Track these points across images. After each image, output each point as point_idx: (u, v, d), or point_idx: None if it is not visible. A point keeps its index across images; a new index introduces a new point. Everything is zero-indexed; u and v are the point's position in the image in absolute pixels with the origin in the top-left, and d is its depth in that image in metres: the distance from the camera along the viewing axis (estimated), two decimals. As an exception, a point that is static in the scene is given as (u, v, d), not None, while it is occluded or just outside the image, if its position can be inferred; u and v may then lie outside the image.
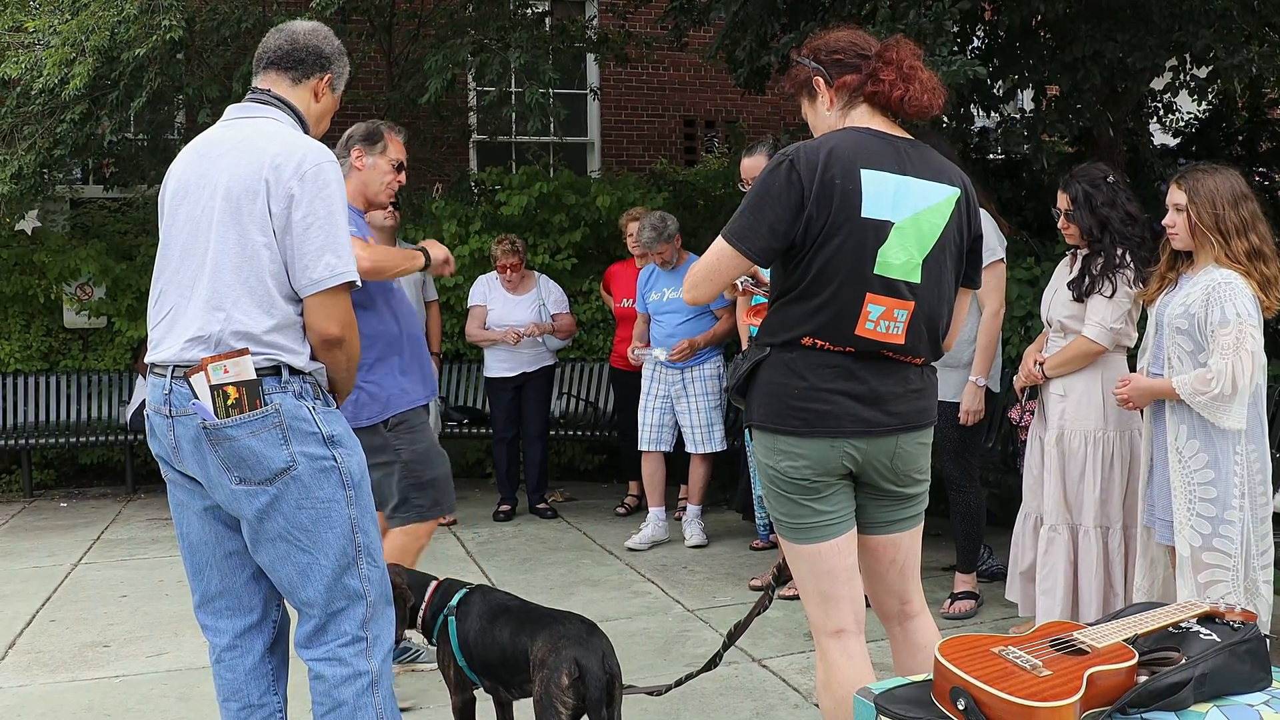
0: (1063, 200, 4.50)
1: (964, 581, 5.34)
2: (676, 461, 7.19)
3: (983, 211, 5.05)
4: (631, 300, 7.35)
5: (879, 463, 2.91)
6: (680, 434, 6.84)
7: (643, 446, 6.88)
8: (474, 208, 9.12)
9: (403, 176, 4.35)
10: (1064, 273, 4.60)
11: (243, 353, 2.74)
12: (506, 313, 7.48)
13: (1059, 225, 4.55)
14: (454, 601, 3.60)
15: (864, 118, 2.91)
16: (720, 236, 2.86)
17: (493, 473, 8.56)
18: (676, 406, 6.78)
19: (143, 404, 4.28)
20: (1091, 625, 2.58)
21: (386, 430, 4.14)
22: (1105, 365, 4.46)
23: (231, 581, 2.98)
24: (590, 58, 10.99)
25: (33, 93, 7.41)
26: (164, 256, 2.91)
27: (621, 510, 7.79)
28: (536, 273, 7.83)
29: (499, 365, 7.56)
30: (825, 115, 2.97)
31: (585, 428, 8.61)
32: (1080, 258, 4.51)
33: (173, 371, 2.80)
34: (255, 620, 3.01)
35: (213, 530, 2.93)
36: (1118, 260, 4.39)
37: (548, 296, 7.60)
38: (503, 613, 3.47)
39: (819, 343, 2.83)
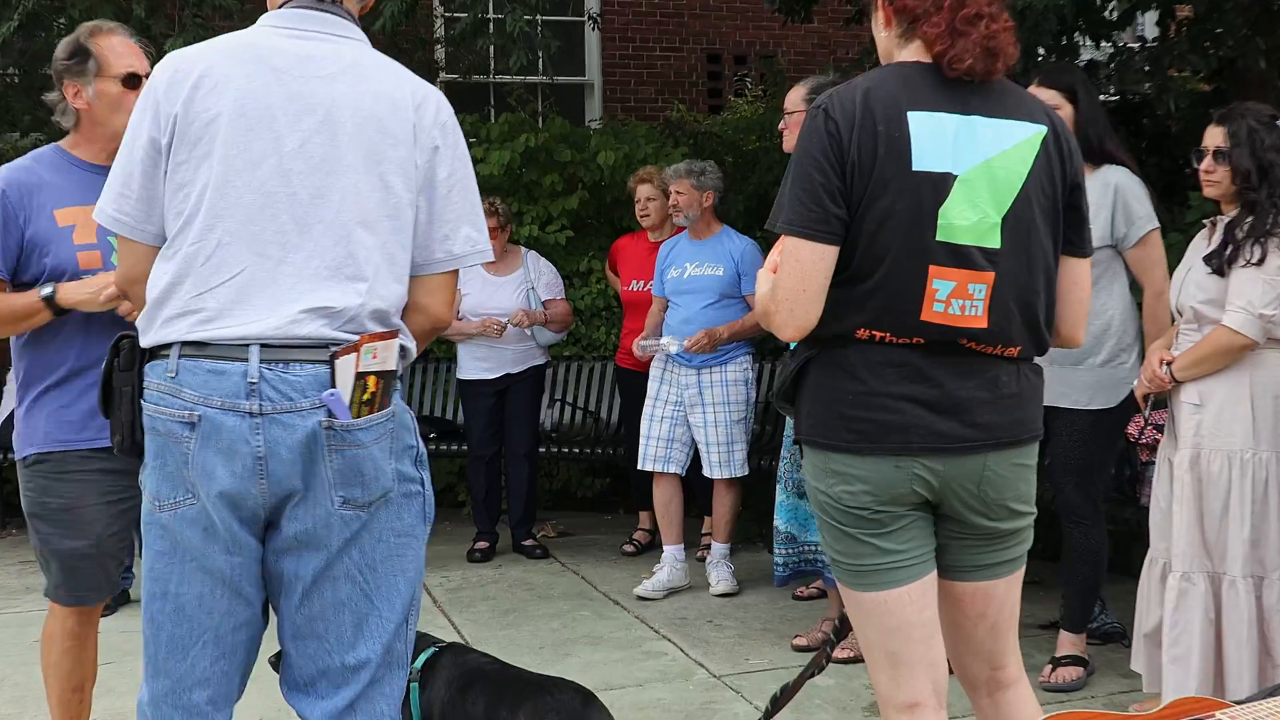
0: (1216, 136, 4.44)
1: (1071, 643, 5.28)
2: (700, 488, 7.15)
3: (1122, 170, 5.03)
4: (643, 283, 7.33)
5: (962, 489, 2.88)
6: (697, 452, 6.82)
7: (645, 465, 6.86)
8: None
9: None
10: (1201, 245, 4.55)
11: (393, 335, 2.77)
12: (486, 298, 7.47)
13: (1201, 171, 4.47)
14: (418, 663, 3.60)
15: (919, 53, 2.92)
16: (781, 234, 2.85)
17: (467, 500, 8.54)
18: (691, 417, 6.78)
19: (10, 417, 4.09)
20: (1240, 704, 2.53)
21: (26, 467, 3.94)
22: (1255, 365, 4.40)
23: (228, 664, 2.82)
24: (589, -25, 10.96)
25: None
26: (223, 196, 2.72)
27: (629, 548, 7.77)
28: (523, 248, 7.82)
29: (476, 365, 7.55)
30: (880, 36, 3.00)
31: (584, 444, 8.59)
32: (1222, 224, 4.45)
33: (261, 351, 2.67)
34: (230, 714, 2.89)
35: (226, 598, 2.77)
36: (1271, 223, 4.33)
37: (538, 279, 7.59)
38: (478, 679, 3.47)
39: (877, 334, 2.83)
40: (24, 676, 5.60)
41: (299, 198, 2.73)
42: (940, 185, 2.78)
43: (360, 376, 2.69)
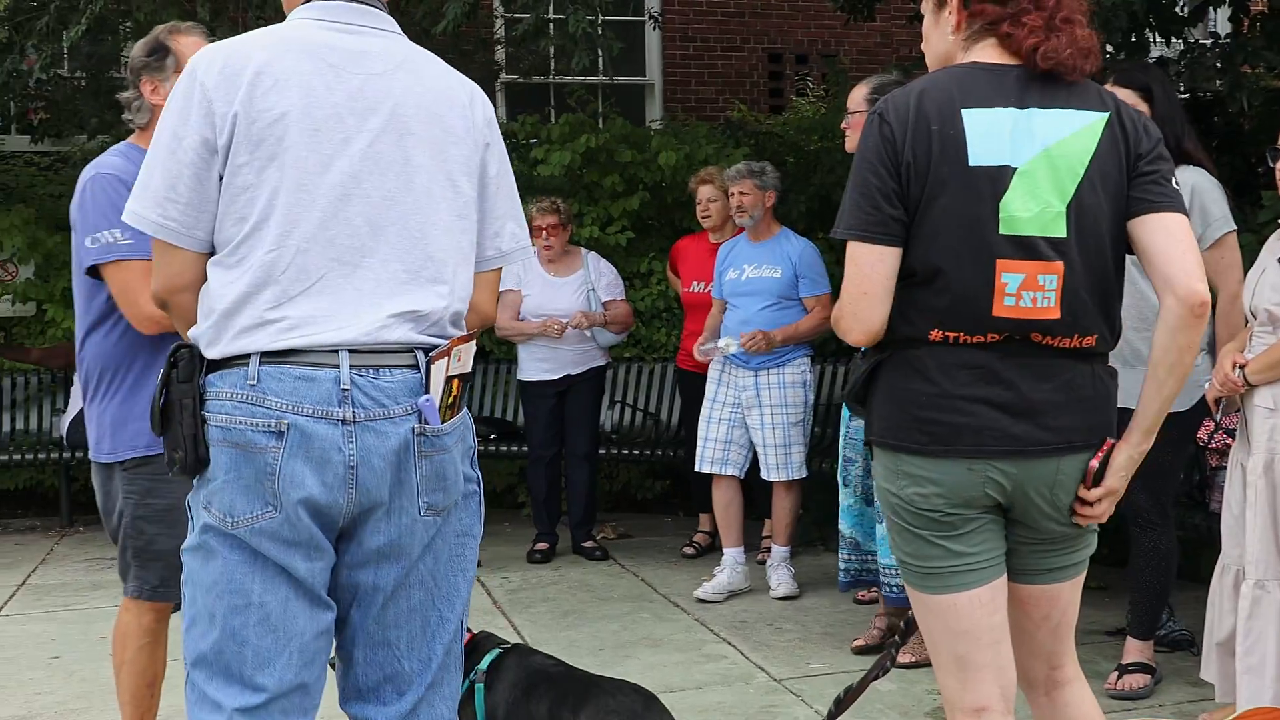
0: None
1: (1138, 650, 5.22)
2: (760, 490, 7.12)
3: (1199, 170, 4.96)
4: (704, 284, 7.33)
5: (1035, 492, 2.86)
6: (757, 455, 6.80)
7: (702, 467, 6.86)
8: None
9: None
10: (1276, 247, 4.49)
11: (473, 337, 2.79)
12: (546, 299, 7.47)
13: (1277, 170, 4.40)
14: (484, 664, 3.60)
15: (983, 54, 2.92)
16: (847, 242, 2.86)
17: (527, 502, 8.57)
18: (748, 419, 6.77)
19: (79, 417, 4.12)
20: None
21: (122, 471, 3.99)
22: None
23: (310, 673, 2.72)
24: (650, -26, 10.96)
25: (-60, 19, 7.48)
26: (297, 198, 2.64)
27: (690, 550, 7.75)
28: (583, 249, 7.82)
29: (537, 366, 7.55)
30: (944, 36, 2.99)
31: (644, 445, 8.60)
32: (1301, 223, 4.39)
33: (351, 357, 2.62)
34: None
35: (307, 602, 2.69)
36: None
37: (598, 280, 7.59)
38: (542, 680, 3.47)
39: (950, 335, 2.81)
40: (91, 671, 5.65)
41: (371, 200, 2.68)
42: (999, 179, 2.78)
43: (449, 380, 2.70)
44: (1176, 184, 2.93)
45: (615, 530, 8.32)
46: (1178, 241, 2.85)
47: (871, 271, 2.82)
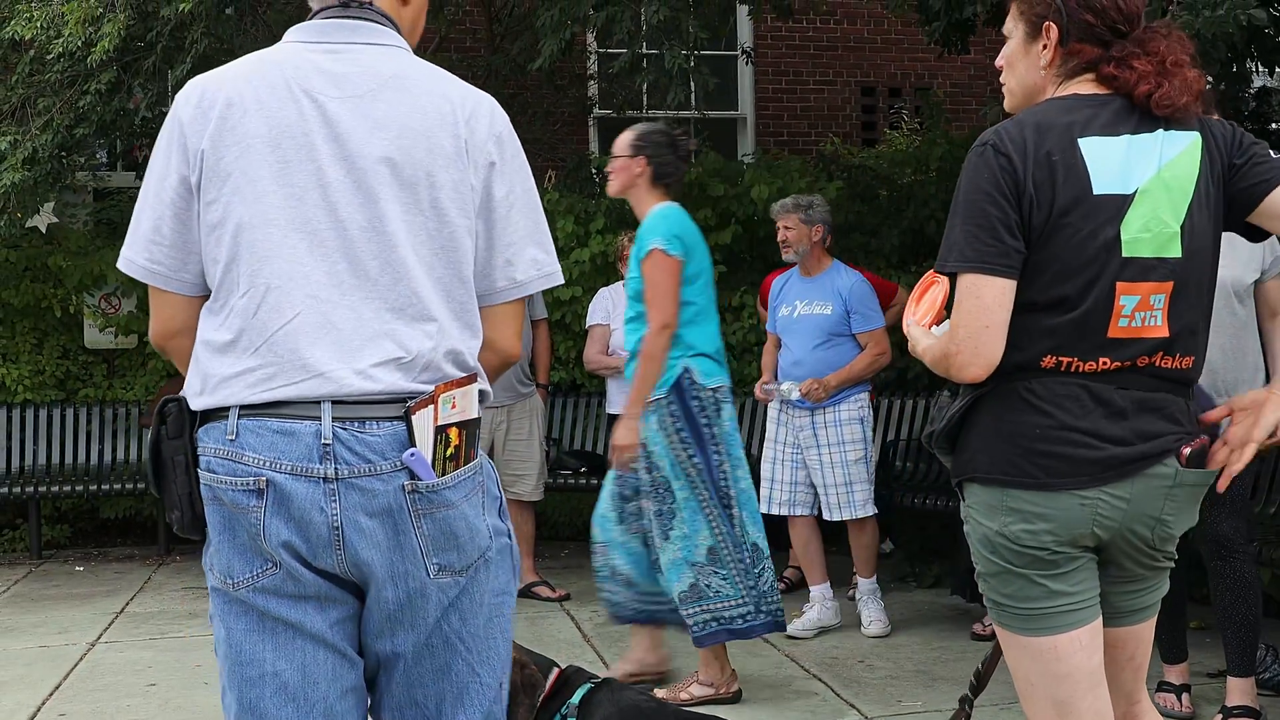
0: None
1: (1241, 691, 5.09)
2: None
3: None
4: (796, 318, 7.26)
5: (1141, 523, 2.84)
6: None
7: (770, 509, 6.75)
8: (596, 201, 9.16)
9: None
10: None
11: (472, 379, 2.53)
12: (635, 333, 7.43)
13: None
14: (576, 698, 3.59)
15: (1080, 87, 2.92)
16: (959, 273, 2.82)
17: (615, 536, 8.50)
18: (808, 460, 6.75)
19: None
20: None
21: None
22: None
23: None
24: (742, 10, 10.94)
25: (49, 57, 7.62)
26: (265, 236, 2.47)
27: (780, 586, 7.66)
28: (674, 282, 7.77)
29: (625, 399, 7.49)
30: (1035, 68, 2.97)
31: (733, 480, 8.49)
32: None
33: (334, 409, 2.41)
34: None
35: (330, 661, 2.52)
36: None
37: (687, 313, 7.54)
38: (635, 716, 3.45)
39: (1064, 361, 2.81)
40: (186, 699, 5.72)
41: (349, 233, 2.47)
42: (1120, 204, 2.78)
43: (441, 430, 2.44)
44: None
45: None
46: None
47: (994, 304, 2.79)
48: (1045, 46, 2.93)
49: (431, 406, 2.43)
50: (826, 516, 6.70)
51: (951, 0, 7.30)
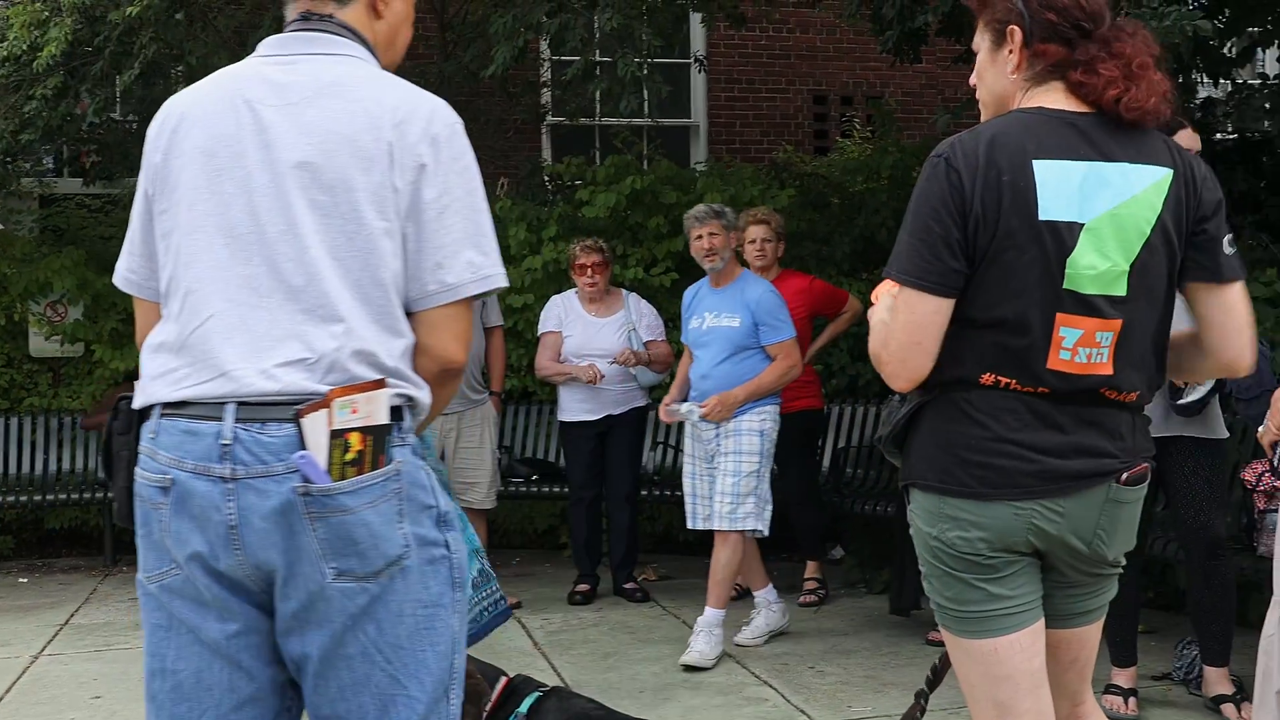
0: None
1: (1220, 679, 5.28)
2: (802, 531, 7.07)
3: None
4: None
5: (1077, 537, 2.85)
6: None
7: (693, 524, 6.67)
8: (548, 208, 9.16)
9: None
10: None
11: (379, 384, 2.48)
12: (588, 339, 7.48)
13: None
14: (524, 707, 3.58)
15: (1048, 98, 2.88)
16: (896, 285, 2.84)
17: (568, 543, 8.53)
18: (715, 468, 6.55)
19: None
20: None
21: None
22: None
23: None
24: (695, 18, 10.98)
25: (-6, 62, 7.56)
26: (192, 241, 2.55)
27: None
28: (625, 290, 7.82)
29: (578, 407, 7.55)
30: (1003, 75, 2.95)
31: (686, 488, 8.51)
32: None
33: (238, 411, 2.44)
34: None
35: (225, 672, 2.55)
36: None
37: (639, 320, 7.59)
38: (580, 723, 3.43)
39: (1003, 381, 2.81)
40: (133, 712, 5.65)
41: (268, 237, 2.51)
42: (1068, 234, 2.76)
43: (339, 434, 2.42)
44: (1233, 245, 2.93)
45: (656, 572, 8.29)
46: (1236, 317, 2.92)
47: (926, 322, 2.80)
48: (1011, 51, 2.92)
49: (325, 410, 2.42)
50: (713, 525, 6.46)
51: (904, 10, 7.36)
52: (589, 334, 7.48)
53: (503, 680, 3.72)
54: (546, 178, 10.33)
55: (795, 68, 12.58)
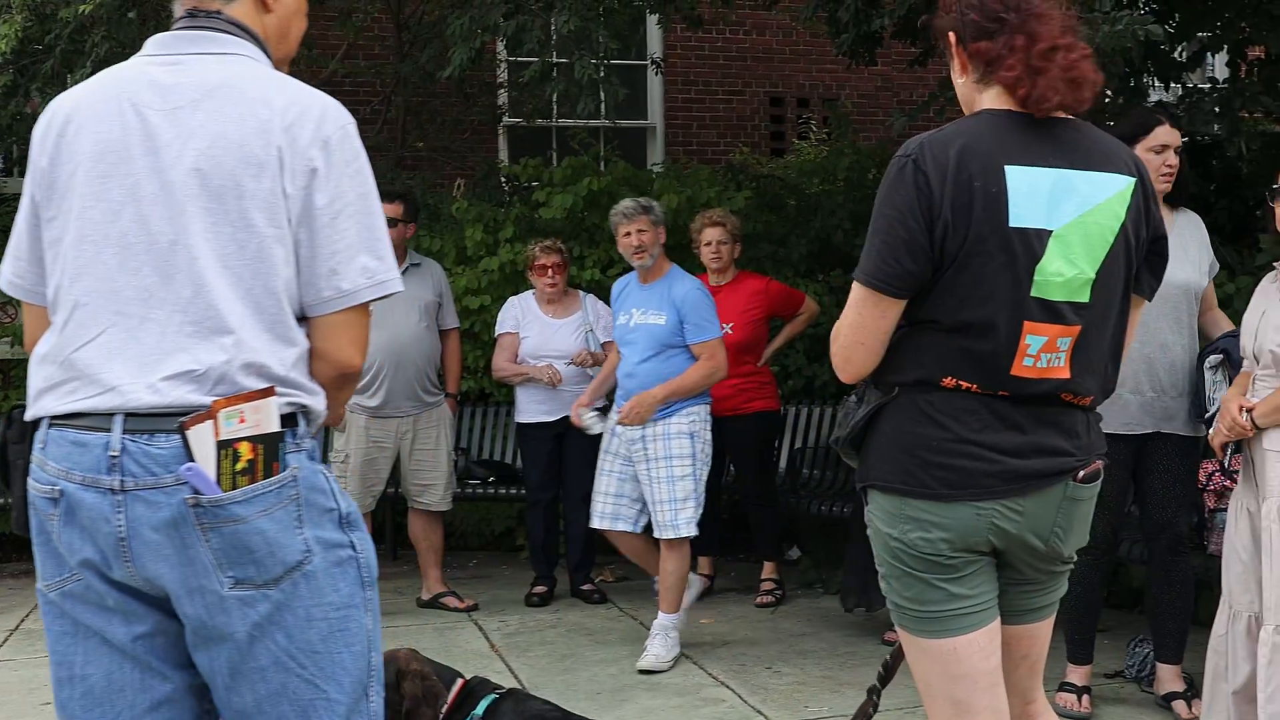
0: None
1: (1173, 676, 5.34)
2: (759, 532, 7.05)
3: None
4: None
5: (1036, 535, 2.88)
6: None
7: (595, 523, 6.51)
8: (505, 209, 9.14)
9: None
10: (1270, 289, 4.50)
11: (268, 393, 2.46)
12: (545, 341, 7.46)
13: None
14: (480, 709, 3.58)
15: (994, 99, 2.91)
16: (854, 281, 2.87)
17: (525, 544, 8.52)
18: (639, 474, 6.34)
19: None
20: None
21: None
22: None
23: None
24: (652, 20, 10.98)
25: (-58, 60, 7.49)
26: (80, 251, 2.51)
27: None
28: (581, 292, 7.81)
29: (535, 408, 7.53)
30: (958, 83, 2.99)
31: (643, 489, 8.51)
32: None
33: (125, 423, 2.42)
34: None
35: (136, 672, 2.53)
36: None
37: (596, 321, 7.58)
38: (537, 725, 3.43)
39: (964, 384, 2.83)
40: None
41: (159, 246, 2.47)
42: (1037, 241, 2.77)
43: (227, 444, 2.40)
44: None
45: (614, 573, 8.27)
46: (1131, 331, 3.03)
47: (873, 323, 2.83)
48: (953, 59, 2.95)
49: (210, 421, 2.40)
50: (656, 534, 6.33)
51: (859, 13, 7.39)
52: (546, 335, 7.47)
53: (459, 682, 3.70)
54: (503, 179, 10.31)
55: (752, 70, 12.61)
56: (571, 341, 7.45)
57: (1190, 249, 5.12)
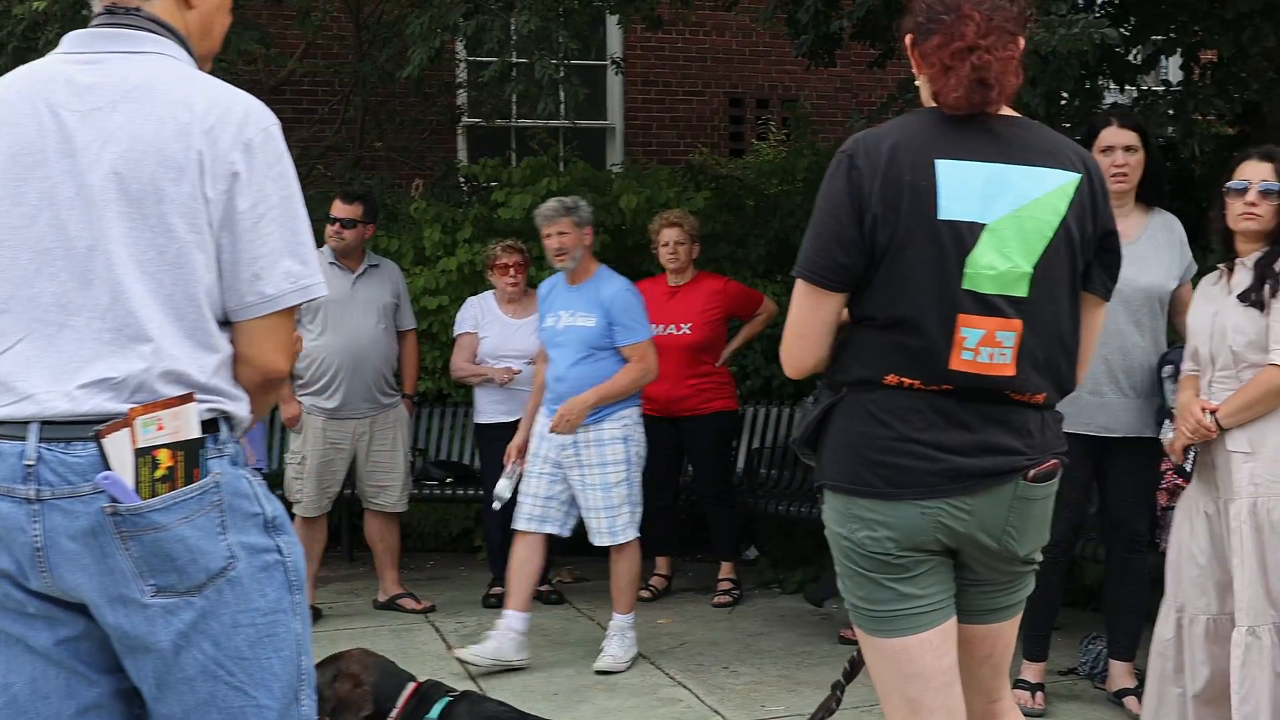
0: (1262, 171, 4.39)
1: (1125, 673, 5.41)
2: (719, 531, 7.03)
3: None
4: (664, 326, 7.26)
5: (987, 534, 2.88)
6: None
7: (518, 525, 6.34)
8: (463, 209, 9.13)
9: None
10: (1213, 291, 4.52)
11: (186, 399, 2.41)
12: (504, 341, 7.44)
13: (1244, 204, 4.40)
14: (434, 713, 3.57)
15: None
16: (796, 276, 2.90)
17: (483, 545, 8.50)
18: (570, 479, 6.26)
19: None
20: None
21: None
22: None
23: None
24: (612, 20, 10.97)
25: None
26: None
27: (646, 594, 7.67)
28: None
29: (493, 408, 7.50)
30: (919, 82, 3.00)
31: (601, 490, 8.49)
32: (1251, 262, 4.39)
33: (41, 431, 2.37)
34: None
35: (61, 678, 2.47)
36: None
37: (555, 321, 7.53)
38: (493, 726, 3.42)
39: (906, 381, 2.84)
40: None
41: (76, 252, 2.41)
42: (968, 234, 2.79)
43: (145, 452, 2.35)
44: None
45: (571, 574, 8.26)
46: (1091, 333, 3.04)
47: (810, 316, 2.86)
48: (912, 62, 2.97)
49: (127, 429, 2.35)
50: (592, 541, 6.31)
51: (819, 14, 7.41)
52: (505, 335, 7.45)
53: (411, 685, 3.68)
54: (462, 179, 10.28)
55: (711, 70, 12.62)
56: (531, 341, 7.40)
57: (1161, 251, 5.14)
